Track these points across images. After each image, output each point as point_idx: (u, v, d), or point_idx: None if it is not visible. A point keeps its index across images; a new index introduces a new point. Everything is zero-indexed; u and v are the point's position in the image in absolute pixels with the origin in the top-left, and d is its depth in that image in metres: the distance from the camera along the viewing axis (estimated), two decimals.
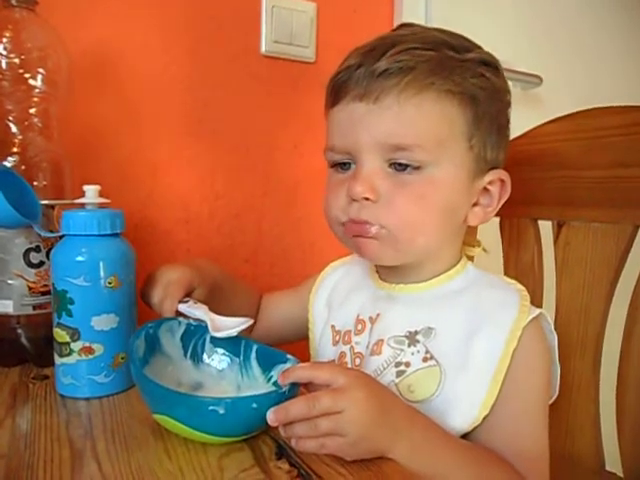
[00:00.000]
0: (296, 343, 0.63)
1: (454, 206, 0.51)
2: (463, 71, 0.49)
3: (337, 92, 0.51)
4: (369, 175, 0.49)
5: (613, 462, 0.58)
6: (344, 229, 0.53)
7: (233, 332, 0.51)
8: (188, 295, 0.57)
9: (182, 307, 0.54)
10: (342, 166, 0.53)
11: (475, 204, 0.53)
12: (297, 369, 0.43)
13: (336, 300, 0.62)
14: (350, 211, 0.50)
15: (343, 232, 0.53)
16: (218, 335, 0.51)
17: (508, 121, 0.55)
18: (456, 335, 0.50)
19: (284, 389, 0.42)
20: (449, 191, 0.50)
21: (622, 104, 0.57)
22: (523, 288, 0.53)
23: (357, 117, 0.49)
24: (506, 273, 0.69)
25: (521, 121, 0.66)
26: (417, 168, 0.48)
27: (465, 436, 0.48)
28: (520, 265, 0.68)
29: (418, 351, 0.50)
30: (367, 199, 0.49)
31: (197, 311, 0.53)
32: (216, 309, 0.55)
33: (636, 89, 1.27)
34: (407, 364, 0.50)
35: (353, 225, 0.51)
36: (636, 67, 1.40)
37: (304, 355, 0.62)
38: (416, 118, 0.48)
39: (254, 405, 0.41)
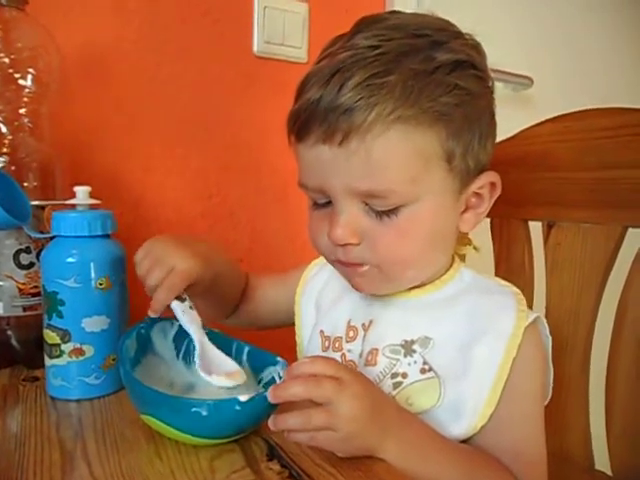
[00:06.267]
0: (287, 343, 0.63)
1: (441, 229, 0.50)
2: (433, 89, 0.44)
3: (299, 129, 0.47)
4: (348, 219, 0.47)
5: (602, 461, 0.59)
6: (334, 264, 0.52)
7: (224, 383, 0.47)
8: (188, 287, 0.52)
9: (176, 307, 0.50)
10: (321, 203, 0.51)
11: (465, 210, 0.51)
12: (290, 386, 0.41)
13: (325, 302, 0.60)
14: (336, 253, 0.49)
15: (334, 265, 0.52)
16: (205, 378, 0.47)
17: (492, 115, 0.51)
18: (454, 345, 0.49)
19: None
20: (433, 220, 0.48)
21: (613, 106, 0.58)
22: (519, 291, 0.52)
23: (325, 162, 0.46)
24: (497, 274, 0.69)
25: (512, 122, 0.66)
26: (395, 209, 0.46)
27: (463, 441, 0.48)
28: (511, 266, 0.68)
29: (415, 362, 0.49)
30: (350, 243, 0.47)
31: (190, 325, 0.49)
32: (207, 298, 0.58)
33: (627, 91, 1.28)
34: (404, 375, 0.49)
35: (341, 266, 0.50)
36: (628, 69, 1.41)
37: (293, 353, 0.62)
38: (385, 161, 0.44)
39: (237, 407, 0.41)
